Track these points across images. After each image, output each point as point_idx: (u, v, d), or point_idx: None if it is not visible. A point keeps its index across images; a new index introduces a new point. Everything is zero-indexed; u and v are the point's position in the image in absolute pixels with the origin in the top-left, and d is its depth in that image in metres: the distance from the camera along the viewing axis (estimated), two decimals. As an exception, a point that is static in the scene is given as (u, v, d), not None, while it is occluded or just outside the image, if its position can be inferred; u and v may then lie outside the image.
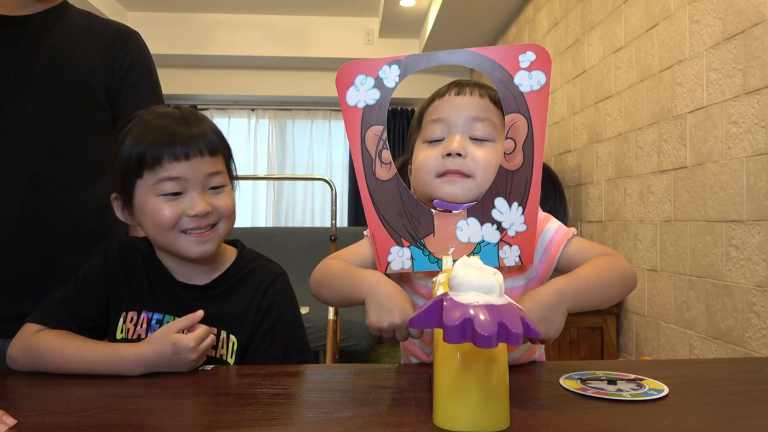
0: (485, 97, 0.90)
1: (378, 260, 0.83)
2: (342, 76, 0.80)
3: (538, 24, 3.59)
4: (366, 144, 0.80)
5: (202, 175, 0.89)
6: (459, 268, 0.59)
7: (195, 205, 0.88)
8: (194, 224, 0.89)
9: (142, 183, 0.89)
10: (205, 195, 0.90)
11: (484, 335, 0.52)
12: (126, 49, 1.22)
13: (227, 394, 0.75)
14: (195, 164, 0.88)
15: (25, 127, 1.12)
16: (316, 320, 3.39)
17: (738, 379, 0.83)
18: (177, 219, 0.88)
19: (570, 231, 0.90)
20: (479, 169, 0.85)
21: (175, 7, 5.08)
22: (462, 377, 0.59)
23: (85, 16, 1.24)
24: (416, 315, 0.58)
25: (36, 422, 0.64)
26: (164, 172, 0.87)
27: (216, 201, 0.90)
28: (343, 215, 6.08)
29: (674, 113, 2.10)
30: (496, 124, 0.89)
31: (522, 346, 0.88)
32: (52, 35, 1.16)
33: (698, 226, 1.96)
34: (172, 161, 0.87)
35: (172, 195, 0.88)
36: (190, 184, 0.88)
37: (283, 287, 0.99)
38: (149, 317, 0.94)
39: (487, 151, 0.87)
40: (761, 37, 1.66)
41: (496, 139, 0.88)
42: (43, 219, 1.12)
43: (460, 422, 0.59)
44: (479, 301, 0.56)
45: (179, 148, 0.87)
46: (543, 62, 0.78)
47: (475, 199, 0.84)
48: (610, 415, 0.65)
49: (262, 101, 6.04)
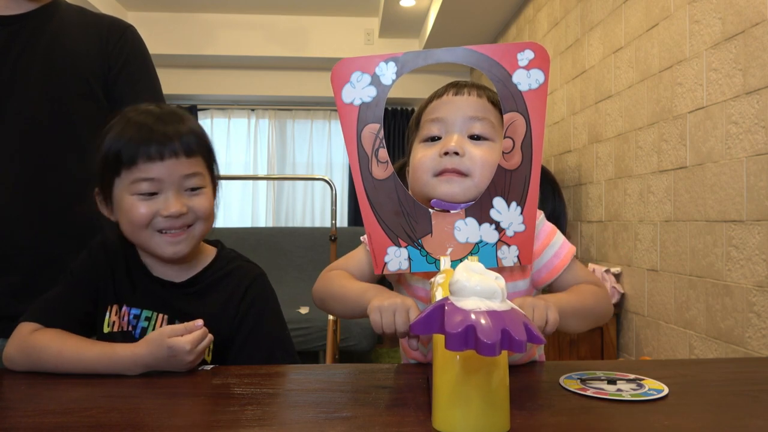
0: (483, 97, 0.89)
1: (375, 261, 0.82)
2: (337, 72, 0.78)
3: (538, 24, 3.59)
4: (362, 142, 0.79)
5: (177, 176, 0.89)
6: (460, 273, 0.57)
7: (169, 206, 0.88)
8: (168, 224, 0.89)
9: (120, 181, 0.90)
10: (181, 196, 0.90)
11: (488, 343, 0.50)
12: (122, 42, 1.21)
13: (227, 394, 0.75)
14: (170, 165, 0.88)
15: (24, 127, 1.11)
16: (316, 320, 3.39)
17: (738, 379, 0.83)
18: (150, 218, 0.88)
19: (573, 249, 0.93)
20: (477, 167, 0.84)
21: (175, 7, 5.09)
22: (462, 382, 0.58)
23: (77, 11, 1.23)
24: (416, 320, 0.57)
25: (35, 422, 0.64)
26: (139, 173, 0.87)
27: (192, 202, 0.90)
28: (343, 215, 6.08)
29: (674, 113, 2.10)
30: (494, 124, 0.88)
31: None
32: (46, 33, 1.15)
33: (698, 226, 1.96)
34: (146, 162, 0.87)
35: (147, 195, 0.88)
36: (165, 185, 0.88)
37: (263, 288, 0.98)
38: (128, 311, 0.94)
39: (485, 150, 0.86)
40: (761, 37, 1.66)
41: (494, 138, 0.87)
42: (45, 218, 1.12)
43: (460, 427, 0.58)
44: (481, 307, 0.54)
45: (154, 148, 0.87)
46: (541, 61, 0.77)
47: (473, 199, 0.83)
48: (610, 415, 0.65)
49: (262, 101, 6.05)
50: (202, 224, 0.93)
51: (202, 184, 0.92)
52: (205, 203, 0.91)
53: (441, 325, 0.55)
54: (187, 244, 0.92)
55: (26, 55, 1.13)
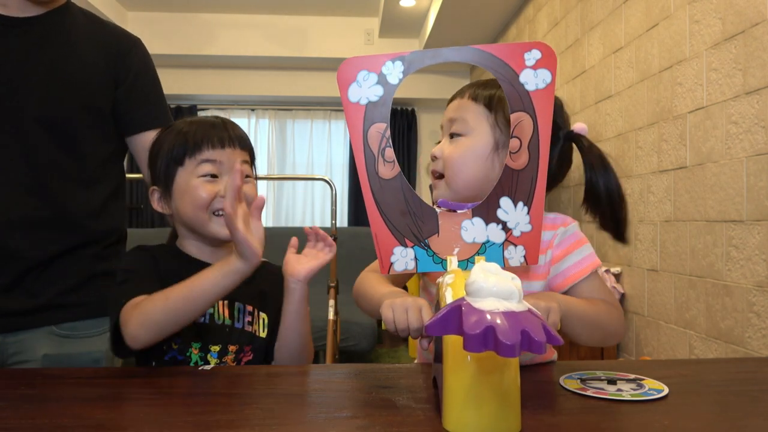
0: (464, 97, 0.94)
1: (381, 261, 0.81)
2: (344, 71, 0.77)
3: (538, 24, 3.59)
4: (368, 142, 0.79)
5: (234, 161, 0.99)
6: (477, 273, 0.57)
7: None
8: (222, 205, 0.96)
9: (183, 170, 0.99)
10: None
11: (508, 344, 0.50)
12: (131, 58, 1.24)
13: (227, 394, 0.75)
14: (229, 152, 1.00)
15: (25, 132, 1.12)
16: (316, 320, 3.39)
17: (738, 379, 0.83)
18: (212, 198, 0.97)
19: (597, 263, 0.96)
20: (447, 167, 0.91)
21: (175, 7, 5.08)
22: (475, 383, 0.58)
23: (88, 18, 1.23)
24: (432, 321, 0.56)
25: (35, 423, 0.64)
26: (203, 156, 0.98)
27: (245, 188, 0.97)
28: (343, 215, 6.08)
29: (674, 113, 2.10)
30: (469, 118, 0.92)
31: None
32: (56, 39, 1.15)
33: (698, 226, 1.96)
34: (209, 148, 0.99)
35: (210, 176, 0.98)
36: (225, 168, 0.99)
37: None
38: None
39: (453, 146, 0.91)
40: (761, 37, 1.66)
41: (466, 132, 0.92)
42: (42, 224, 1.13)
43: (473, 427, 0.58)
44: (499, 308, 0.53)
45: (216, 137, 1.00)
46: (548, 61, 0.77)
47: (454, 198, 0.85)
48: (610, 415, 0.65)
49: (262, 101, 6.04)
50: None
51: (251, 174, 1.03)
52: (254, 191, 1.01)
53: (458, 326, 0.54)
54: None
55: (34, 59, 1.13)
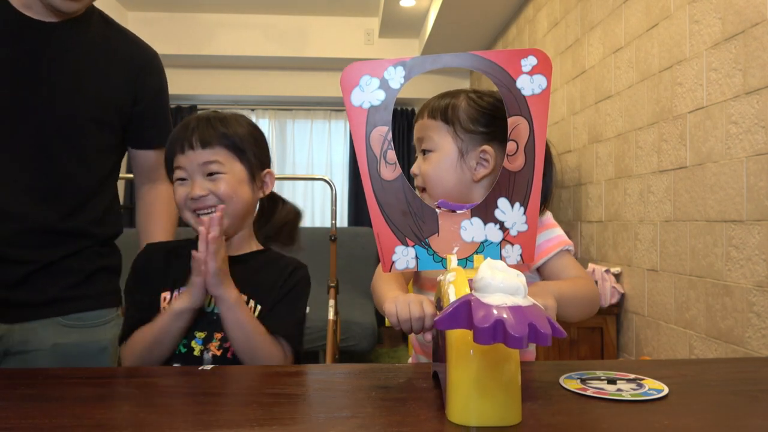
0: (423, 118, 1.03)
1: (382, 260, 0.84)
2: (347, 76, 0.81)
3: (538, 24, 3.59)
4: (371, 144, 0.82)
5: (196, 164, 1.04)
6: (485, 271, 0.60)
7: (193, 189, 1.04)
8: (195, 205, 1.05)
9: (174, 174, 1.09)
10: (203, 181, 1.04)
11: (516, 336, 0.53)
12: (151, 77, 1.30)
13: (227, 394, 0.75)
14: (190, 155, 1.05)
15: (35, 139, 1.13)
16: (316, 320, 3.39)
17: (738, 379, 0.83)
18: (184, 200, 1.05)
19: (568, 242, 1.02)
20: (425, 182, 1.01)
21: (175, 7, 5.08)
22: (478, 375, 0.62)
23: (108, 26, 1.24)
24: (442, 316, 0.59)
25: (35, 423, 0.64)
26: (175, 162, 1.07)
27: (213, 186, 1.04)
28: (343, 215, 6.08)
29: (674, 113, 2.10)
30: (433, 135, 1.01)
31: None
32: (76, 48, 1.16)
33: (698, 226, 1.96)
34: (179, 153, 1.06)
35: (181, 180, 1.06)
36: (189, 172, 1.05)
37: (307, 275, 1.14)
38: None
39: (426, 162, 1.02)
40: (761, 37, 1.67)
41: (434, 147, 1.01)
42: (48, 229, 1.15)
43: (477, 417, 0.61)
44: (507, 303, 0.57)
45: (179, 143, 1.06)
46: (544, 67, 0.80)
47: (443, 205, 0.90)
48: (610, 415, 0.66)
49: (262, 101, 6.04)
50: (228, 205, 1.05)
51: (221, 170, 1.05)
52: (222, 186, 1.04)
53: (467, 320, 0.57)
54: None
55: (52, 65, 1.13)
